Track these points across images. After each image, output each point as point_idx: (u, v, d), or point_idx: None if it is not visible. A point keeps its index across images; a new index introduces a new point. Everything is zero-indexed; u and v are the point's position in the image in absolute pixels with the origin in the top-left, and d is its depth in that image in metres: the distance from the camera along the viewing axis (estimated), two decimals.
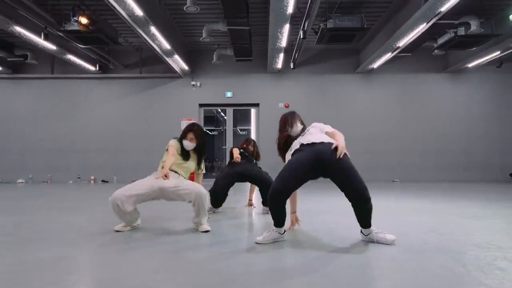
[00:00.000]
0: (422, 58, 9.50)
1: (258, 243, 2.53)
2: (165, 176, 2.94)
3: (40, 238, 2.76)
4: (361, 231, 2.62)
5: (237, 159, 4.10)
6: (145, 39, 6.84)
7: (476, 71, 9.43)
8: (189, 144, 3.30)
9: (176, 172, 3.19)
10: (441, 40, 7.42)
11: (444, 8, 5.58)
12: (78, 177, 9.55)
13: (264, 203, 4.09)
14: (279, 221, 2.55)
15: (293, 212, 2.91)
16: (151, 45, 7.20)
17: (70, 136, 9.79)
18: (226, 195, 4.08)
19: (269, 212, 2.59)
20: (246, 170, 4.08)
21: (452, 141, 9.59)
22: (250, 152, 4.40)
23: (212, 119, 14.37)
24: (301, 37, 6.38)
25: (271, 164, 4.69)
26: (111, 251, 2.40)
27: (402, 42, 7.13)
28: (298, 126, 2.87)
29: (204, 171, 3.51)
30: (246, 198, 4.82)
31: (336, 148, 2.48)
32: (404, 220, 3.52)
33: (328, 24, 6.52)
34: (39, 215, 3.90)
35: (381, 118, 9.67)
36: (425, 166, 9.55)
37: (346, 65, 9.82)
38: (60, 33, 6.74)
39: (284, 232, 2.63)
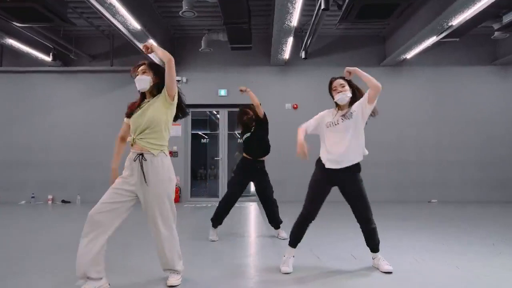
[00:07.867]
0: (462, 46, 7.55)
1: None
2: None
3: None
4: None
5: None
6: (100, 12, 4.87)
7: None
8: (143, 79, 2.37)
9: (141, 155, 2.36)
10: (509, 18, 5.48)
11: None
12: (32, 197, 7.57)
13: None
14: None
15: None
16: (112, 22, 5.23)
17: (23, 145, 7.78)
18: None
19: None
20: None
21: (501, 149, 7.65)
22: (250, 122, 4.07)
23: (204, 122, 12.39)
24: (322, 7, 4.44)
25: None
26: None
27: (459, 19, 5.19)
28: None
29: (175, 93, 2.44)
30: None
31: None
32: None
33: None
34: None
35: (413, 122, 7.71)
36: (467, 181, 7.60)
37: (369, 57, 7.85)
38: None
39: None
